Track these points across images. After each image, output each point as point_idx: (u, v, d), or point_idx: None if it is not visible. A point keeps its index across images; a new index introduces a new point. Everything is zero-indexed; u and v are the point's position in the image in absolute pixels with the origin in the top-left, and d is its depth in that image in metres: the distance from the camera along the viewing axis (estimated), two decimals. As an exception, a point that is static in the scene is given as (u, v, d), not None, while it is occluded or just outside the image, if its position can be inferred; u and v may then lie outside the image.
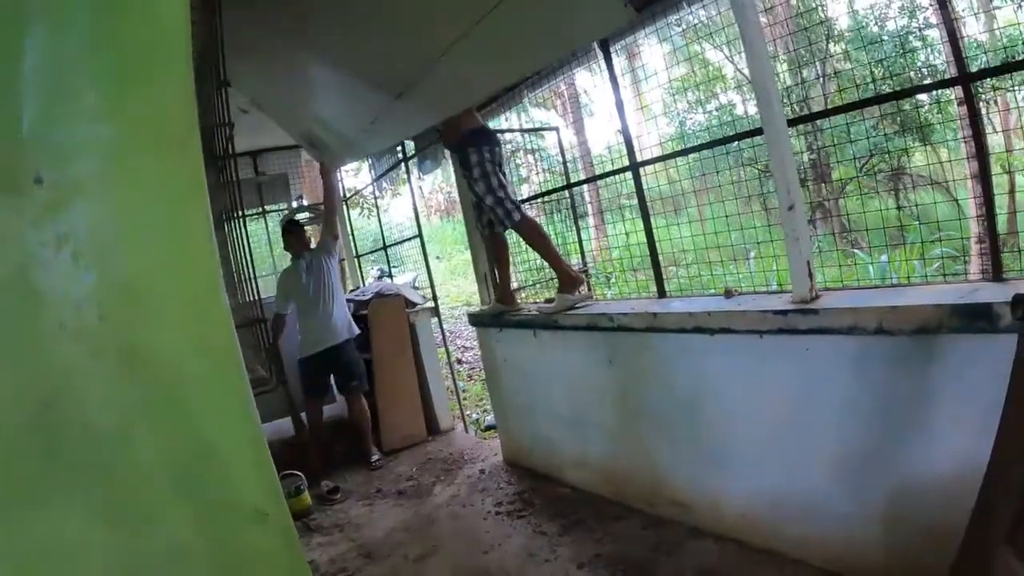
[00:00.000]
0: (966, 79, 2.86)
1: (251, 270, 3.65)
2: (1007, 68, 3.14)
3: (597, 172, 6.33)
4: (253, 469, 1.25)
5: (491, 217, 4.78)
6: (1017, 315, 1.69)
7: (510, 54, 3.45)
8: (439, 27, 3.32)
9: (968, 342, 2.45)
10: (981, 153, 2.86)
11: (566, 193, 5.54)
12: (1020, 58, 3.51)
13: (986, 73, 3.26)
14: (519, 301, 5.27)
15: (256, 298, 3.79)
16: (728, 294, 3.66)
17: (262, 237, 8.46)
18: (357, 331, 6.19)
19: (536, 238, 4.72)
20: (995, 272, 2.79)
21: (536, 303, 5.14)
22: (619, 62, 4.30)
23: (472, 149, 4.71)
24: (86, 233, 1.08)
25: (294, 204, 8.70)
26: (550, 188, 5.66)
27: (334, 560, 4.24)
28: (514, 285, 5.74)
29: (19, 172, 1.02)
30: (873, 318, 2.71)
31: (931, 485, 2.63)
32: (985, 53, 7.00)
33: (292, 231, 6.28)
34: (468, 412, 7.73)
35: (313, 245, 6.37)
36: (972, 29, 7.24)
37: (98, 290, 1.10)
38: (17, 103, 1.03)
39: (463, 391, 8.46)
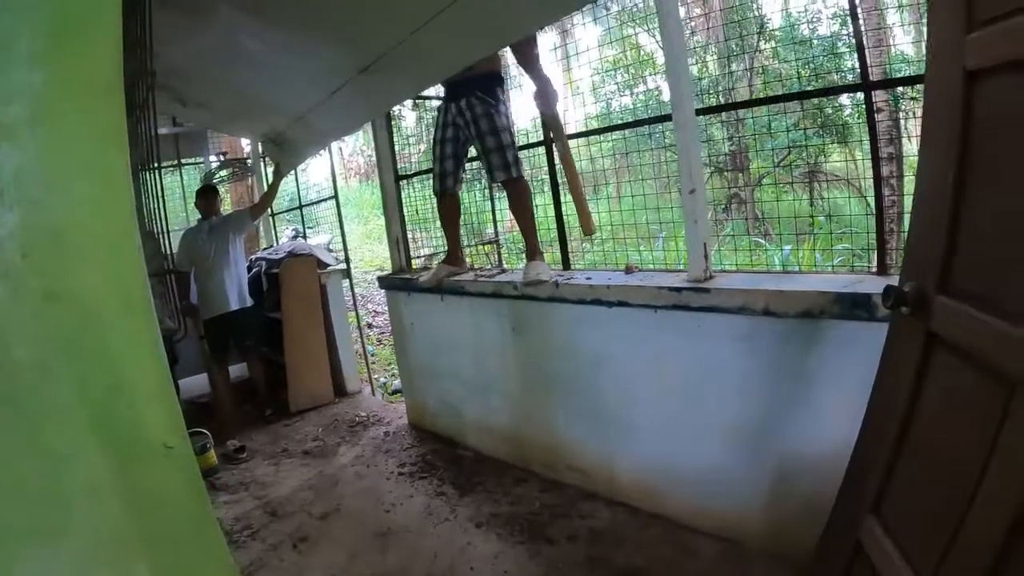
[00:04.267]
0: (868, 87, 3.03)
1: (163, 222, 3.58)
2: (905, 81, 3.32)
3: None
4: (160, 405, 1.27)
5: (496, 160, 4.25)
6: (887, 305, 1.81)
7: (480, 30, 3.38)
8: (407, 5, 3.24)
9: (848, 328, 2.64)
10: (876, 155, 3.02)
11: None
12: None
13: (885, 83, 3.43)
14: (467, 263, 5.00)
15: (168, 251, 3.74)
16: (629, 270, 3.79)
17: (176, 191, 8.28)
18: (250, 302, 6.23)
19: (528, 200, 4.42)
20: (880, 266, 2.97)
21: (483, 269, 5.04)
22: (551, 38, 4.37)
23: (501, 88, 4.43)
24: (12, 174, 1.10)
25: (212, 158, 8.54)
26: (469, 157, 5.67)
27: (239, 518, 4.24)
28: (427, 252, 5.78)
29: None
30: (761, 300, 2.88)
31: (812, 458, 2.81)
32: (908, 64, 7.32)
33: (205, 194, 6.37)
34: (376, 376, 7.73)
35: (226, 211, 6.42)
36: (901, 39, 7.55)
37: (22, 230, 1.11)
38: None
39: (372, 355, 8.46)
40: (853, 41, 3.16)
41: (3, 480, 1.09)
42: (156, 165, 3.56)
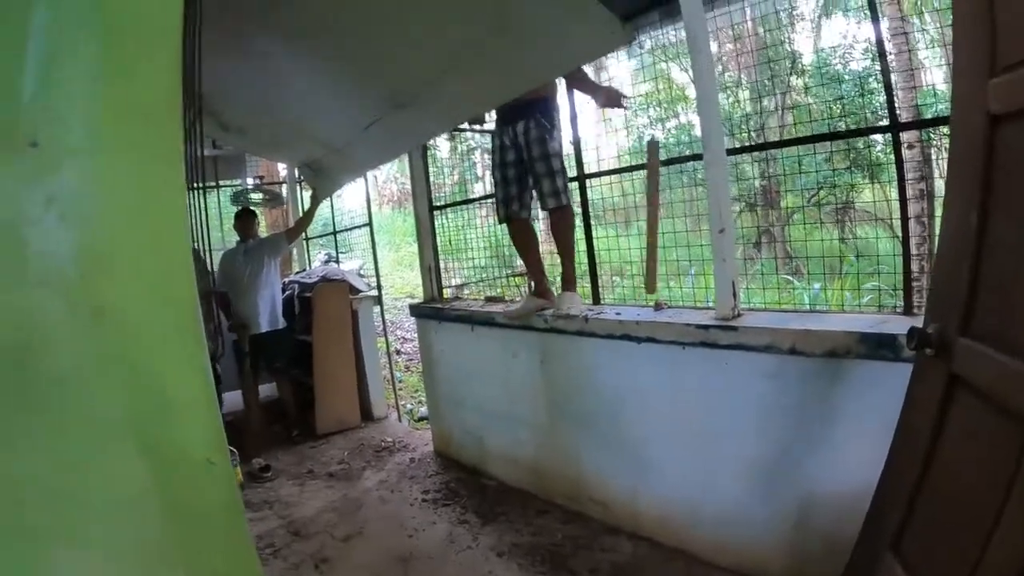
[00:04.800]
0: (896, 129, 3.06)
1: (207, 242, 3.67)
2: (933, 122, 3.34)
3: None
4: (205, 422, 1.32)
5: (546, 186, 4.12)
6: (911, 346, 1.83)
7: (513, 72, 3.40)
8: (441, 46, 3.28)
9: (873, 368, 2.65)
10: (903, 197, 3.04)
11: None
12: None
13: (913, 125, 3.45)
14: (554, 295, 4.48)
15: (211, 270, 3.82)
16: (658, 306, 3.79)
17: (212, 210, 8.42)
18: (283, 324, 6.32)
19: (570, 228, 4.26)
20: (907, 306, 2.98)
21: (513, 300, 5.04)
22: (587, 71, 4.42)
23: (556, 114, 4.29)
24: (73, 196, 1.15)
25: (249, 181, 8.69)
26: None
27: (262, 536, 4.27)
28: (458, 281, 5.82)
29: (17, 134, 1.08)
30: (788, 339, 2.90)
31: (834, 496, 2.81)
32: (938, 100, 7.29)
33: (243, 217, 6.49)
34: (403, 402, 7.76)
35: (263, 233, 6.55)
36: (936, 78, 7.54)
37: (80, 249, 1.16)
38: (20, 69, 1.10)
39: (400, 381, 8.51)
40: (883, 79, 3.18)
41: (45, 487, 1.12)
42: (201, 185, 3.65)
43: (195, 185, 3.61)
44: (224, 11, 3.19)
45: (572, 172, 4.39)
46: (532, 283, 4.68)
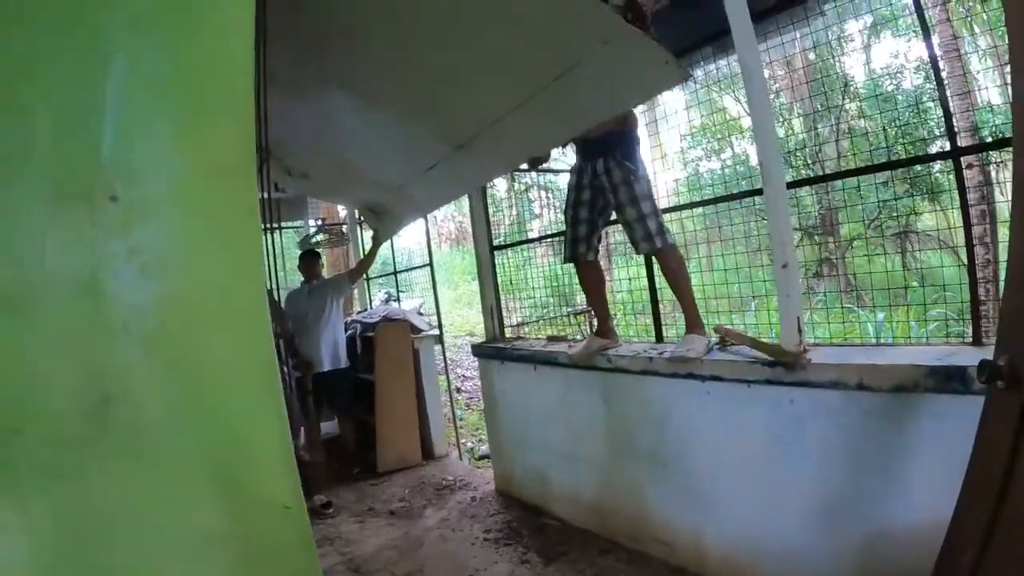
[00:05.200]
0: (957, 154, 3.01)
1: (277, 285, 3.77)
2: (994, 145, 3.28)
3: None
4: (281, 468, 1.35)
5: (638, 231, 3.88)
6: (982, 379, 1.79)
7: (571, 113, 3.41)
8: (503, 89, 3.32)
9: (942, 402, 2.59)
10: (968, 226, 2.98)
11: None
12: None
13: (973, 149, 3.39)
14: (618, 336, 4.52)
15: (281, 313, 3.90)
16: (723, 344, 3.74)
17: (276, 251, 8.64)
18: (345, 363, 6.44)
19: (681, 268, 4.01)
20: (975, 336, 2.91)
21: (575, 340, 4.98)
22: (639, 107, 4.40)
23: (638, 147, 4.07)
24: (153, 248, 1.21)
25: (311, 223, 8.88)
26: (563, 230, 5.68)
27: (324, 573, 4.27)
28: (517, 320, 5.84)
29: (97, 189, 1.15)
30: (855, 374, 2.85)
31: (902, 535, 2.75)
32: (994, 113, 7.12)
33: (307, 258, 6.73)
34: (463, 440, 7.77)
35: (326, 274, 6.71)
36: (992, 94, 7.38)
37: (160, 300, 1.22)
38: (100, 128, 1.17)
39: (460, 419, 8.53)
40: (937, 95, 3.14)
41: (126, 530, 1.18)
42: (270, 227, 3.76)
43: (265, 227, 3.72)
44: (287, 62, 3.30)
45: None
46: (595, 322, 4.64)
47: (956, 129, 3.10)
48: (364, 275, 7.70)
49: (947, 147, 3.13)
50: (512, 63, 3.08)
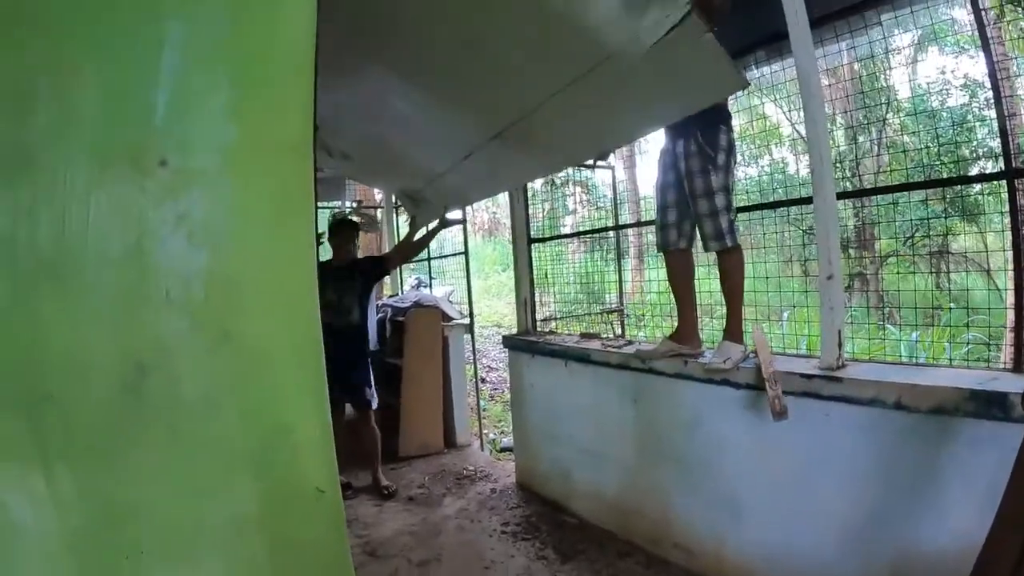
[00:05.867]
0: (1012, 175, 2.95)
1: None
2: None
3: (643, 214, 6.36)
4: (319, 451, 1.35)
5: (708, 228, 3.64)
6: (1024, 407, 1.78)
7: (623, 118, 3.35)
8: (538, 78, 3.22)
9: (980, 427, 2.55)
10: (1018, 245, 2.92)
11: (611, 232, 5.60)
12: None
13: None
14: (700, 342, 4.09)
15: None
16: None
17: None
18: (373, 348, 6.35)
19: (738, 271, 3.75)
20: (1017, 363, 2.87)
21: (608, 338, 4.94)
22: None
23: (725, 128, 3.68)
24: (202, 218, 1.20)
25: (347, 204, 8.90)
26: (599, 227, 5.64)
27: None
28: (547, 313, 5.81)
29: (147, 154, 1.14)
30: (894, 393, 2.82)
31: (931, 558, 2.71)
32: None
33: (343, 230, 5.71)
34: (486, 431, 7.77)
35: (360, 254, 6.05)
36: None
37: (206, 271, 1.20)
38: (154, 94, 1.16)
39: (484, 410, 8.55)
40: (982, 113, 3.08)
41: (159, 508, 1.17)
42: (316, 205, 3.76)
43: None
44: (334, 42, 3.28)
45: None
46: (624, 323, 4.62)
47: (1013, 150, 3.03)
48: (409, 260, 7.00)
49: (989, 168, 3.07)
50: (549, 50, 3.01)
